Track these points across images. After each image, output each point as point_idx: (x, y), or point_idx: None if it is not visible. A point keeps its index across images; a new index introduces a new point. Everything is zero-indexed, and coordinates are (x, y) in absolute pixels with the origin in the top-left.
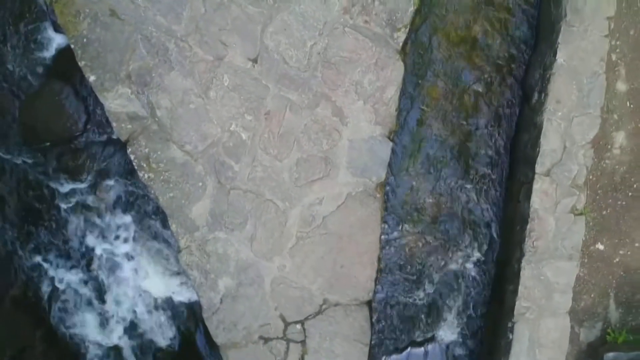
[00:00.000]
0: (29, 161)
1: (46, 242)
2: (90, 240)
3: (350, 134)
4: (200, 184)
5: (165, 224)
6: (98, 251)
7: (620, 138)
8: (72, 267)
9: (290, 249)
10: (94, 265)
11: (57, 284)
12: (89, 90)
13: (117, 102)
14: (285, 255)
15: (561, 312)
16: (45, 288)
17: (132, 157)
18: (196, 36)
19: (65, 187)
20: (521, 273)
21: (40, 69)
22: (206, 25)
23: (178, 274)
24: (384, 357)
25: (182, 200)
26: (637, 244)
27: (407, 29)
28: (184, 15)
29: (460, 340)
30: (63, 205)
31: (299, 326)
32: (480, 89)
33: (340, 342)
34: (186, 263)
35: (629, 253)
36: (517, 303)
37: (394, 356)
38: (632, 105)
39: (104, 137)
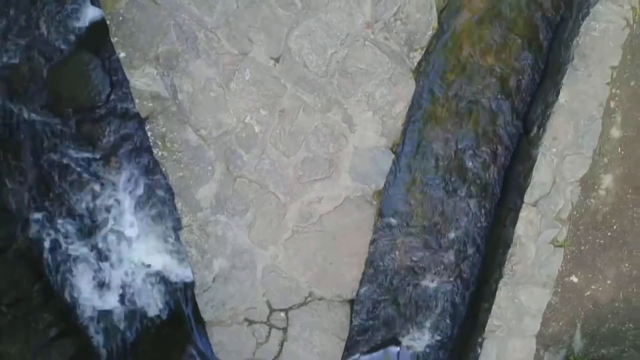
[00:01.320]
0: (50, 123)
1: (55, 203)
2: (97, 207)
3: (357, 141)
4: (210, 168)
5: (170, 201)
6: (103, 218)
7: (607, 181)
8: (76, 230)
9: (285, 240)
10: (97, 231)
11: (60, 244)
12: (116, 65)
13: (142, 80)
14: (279, 246)
15: (529, 335)
16: (49, 246)
17: (149, 133)
18: (225, 29)
19: (80, 153)
20: (497, 293)
21: (72, 38)
22: (236, 21)
23: (176, 249)
24: (358, 355)
25: (191, 181)
26: (608, 281)
27: (423, 51)
28: (217, 9)
29: (432, 348)
30: (75, 170)
31: (282, 314)
32: (484, 116)
33: (320, 334)
34: (186, 240)
35: (600, 289)
36: (489, 320)
37: (367, 356)
38: (623, 152)
39: (124, 111)
